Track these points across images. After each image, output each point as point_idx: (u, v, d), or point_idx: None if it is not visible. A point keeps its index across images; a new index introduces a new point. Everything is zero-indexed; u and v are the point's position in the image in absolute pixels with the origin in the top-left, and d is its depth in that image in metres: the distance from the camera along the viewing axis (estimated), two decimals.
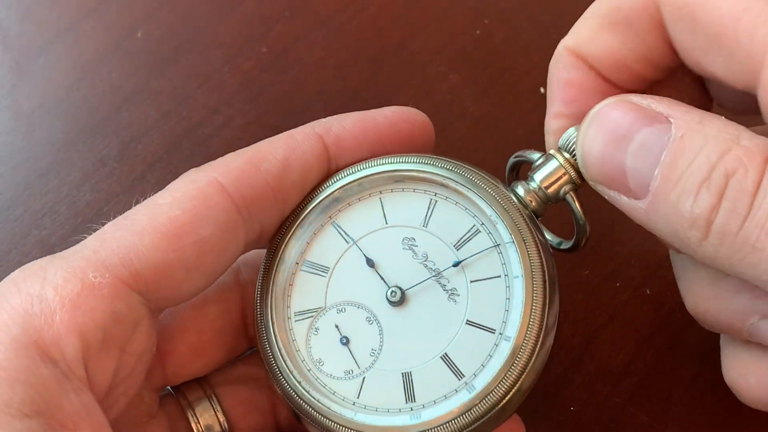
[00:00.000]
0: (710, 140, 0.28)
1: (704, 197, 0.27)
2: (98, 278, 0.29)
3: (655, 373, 0.38)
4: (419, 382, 0.32)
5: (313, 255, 0.34)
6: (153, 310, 0.31)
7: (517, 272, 0.32)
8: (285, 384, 0.32)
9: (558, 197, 0.33)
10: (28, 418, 0.26)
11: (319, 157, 0.34)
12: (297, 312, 0.33)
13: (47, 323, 0.28)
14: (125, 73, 0.47)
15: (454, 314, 0.32)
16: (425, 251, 0.33)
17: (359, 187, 0.34)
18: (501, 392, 0.30)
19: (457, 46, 0.47)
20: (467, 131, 0.45)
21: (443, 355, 0.32)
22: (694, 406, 0.38)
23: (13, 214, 0.43)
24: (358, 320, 0.33)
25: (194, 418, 0.34)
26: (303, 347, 0.33)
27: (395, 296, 0.33)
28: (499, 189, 0.33)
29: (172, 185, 0.32)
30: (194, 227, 0.30)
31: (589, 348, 0.39)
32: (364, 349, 0.32)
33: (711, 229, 0.27)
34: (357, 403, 0.32)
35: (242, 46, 0.48)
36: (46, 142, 0.45)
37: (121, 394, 0.30)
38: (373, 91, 0.46)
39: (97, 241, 0.30)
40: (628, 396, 0.38)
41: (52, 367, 0.27)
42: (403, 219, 0.34)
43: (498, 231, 0.32)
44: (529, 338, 0.31)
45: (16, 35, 0.48)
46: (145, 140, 0.45)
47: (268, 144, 0.33)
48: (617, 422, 0.38)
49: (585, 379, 0.39)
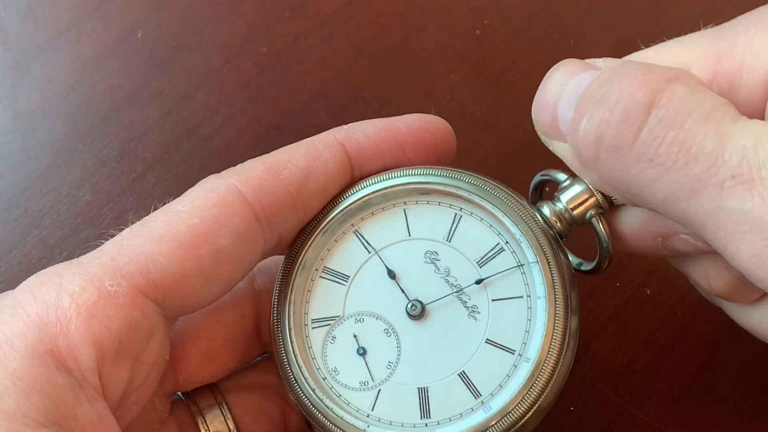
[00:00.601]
0: (623, 71, 0.28)
1: (595, 111, 0.28)
2: (115, 287, 0.28)
3: (655, 373, 0.38)
4: (435, 398, 0.31)
5: (333, 262, 0.34)
6: (168, 318, 0.31)
7: (540, 293, 0.31)
8: (299, 391, 0.32)
9: (584, 220, 0.33)
10: (44, 428, 0.26)
11: (341, 166, 0.33)
12: (314, 319, 0.33)
13: (63, 332, 0.27)
14: (125, 73, 0.47)
15: (474, 332, 0.32)
16: (448, 266, 0.33)
17: (384, 197, 0.33)
18: (518, 413, 0.30)
19: (457, 46, 0.47)
20: (467, 131, 0.45)
21: (461, 372, 0.32)
22: (694, 406, 0.38)
23: (13, 214, 0.43)
24: (376, 331, 0.33)
25: (204, 424, 0.34)
26: (319, 355, 0.33)
27: (415, 310, 0.32)
28: (525, 208, 0.32)
29: (191, 192, 0.31)
30: (213, 236, 0.30)
31: (589, 348, 0.39)
32: (381, 361, 0.32)
33: (602, 142, 0.28)
34: (371, 416, 0.32)
35: (242, 46, 0.48)
36: (46, 142, 0.45)
37: (133, 402, 0.30)
38: (373, 91, 0.46)
39: (115, 248, 0.30)
40: (628, 396, 0.38)
41: (67, 376, 0.27)
42: (426, 232, 0.33)
43: (522, 250, 0.32)
44: (549, 360, 0.30)
45: (16, 35, 0.48)
46: (145, 140, 0.45)
47: (289, 152, 0.33)
48: (617, 422, 0.38)
49: (585, 379, 0.39)
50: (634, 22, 0.47)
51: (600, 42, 0.47)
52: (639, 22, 0.48)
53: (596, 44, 0.47)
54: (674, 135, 0.26)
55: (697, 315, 0.40)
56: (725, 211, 0.26)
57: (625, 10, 0.48)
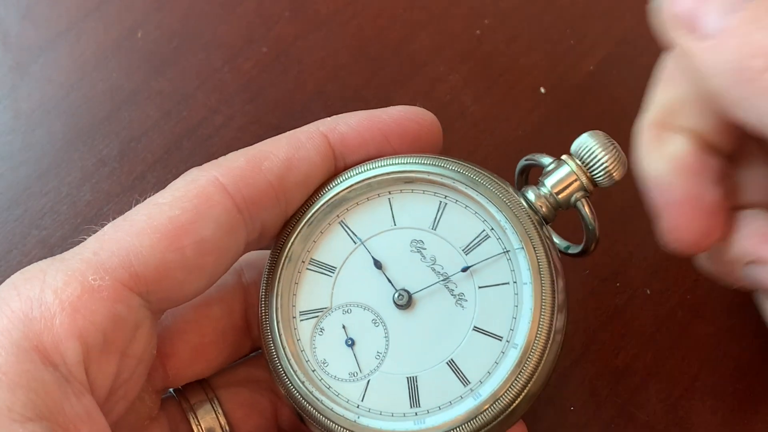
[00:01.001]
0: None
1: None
2: (98, 281, 0.29)
3: (655, 373, 0.38)
4: (424, 387, 0.31)
5: (319, 254, 0.34)
6: (154, 311, 0.31)
7: (527, 279, 0.31)
8: (289, 384, 0.32)
9: (569, 203, 0.33)
10: (31, 422, 0.26)
11: (324, 156, 0.33)
12: (302, 311, 0.33)
13: (47, 327, 0.27)
14: (125, 73, 0.47)
15: (462, 320, 0.32)
16: (434, 255, 0.33)
17: (368, 187, 0.34)
18: (507, 400, 0.30)
19: (457, 46, 0.47)
20: (467, 131, 0.45)
21: (449, 360, 0.32)
22: (694, 406, 0.38)
23: (13, 214, 0.43)
24: (364, 322, 0.33)
25: (195, 420, 0.34)
26: (308, 347, 0.33)
27: (402, 299, 0.32)
28: (510, 194, 0.32)
29: (172, 184, 0.32)
30: (194, 227, 0.30)
31: (589, 348, 0.39)
32: (369, 352, 0.32)
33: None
34: (361, 406, 0.32)
35: (242, 46, 0.48)
36: (46, 142, 0.45)
37: (121, 397, 0.30)
38: (373, 91, 0.46)
39: (97, 243, 0.30)
40: (628, 396, 0.38)
41: (53, 371, 0.27)
42: (411, 221, 0.33)
43: (508, 237, 0.32)
44: (537, 346, 0.30)
45: (16, 35, 0.48)
46: (145, 140, 0.45)
47: (270, 143, 0.33)
48: (617, 422, 0.38)
49: (585, 379, 0.39)
50: (634, 22, 0.47)
51: (600, 42, 0.47)
52: (639, 22, 0.48)
53: (596, 44, 0.47)
54: None
55: (697, 315, 0.40)
56: None
57: (625, 10, 0.48)
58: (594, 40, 0.47)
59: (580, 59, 0.46)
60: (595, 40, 0.47)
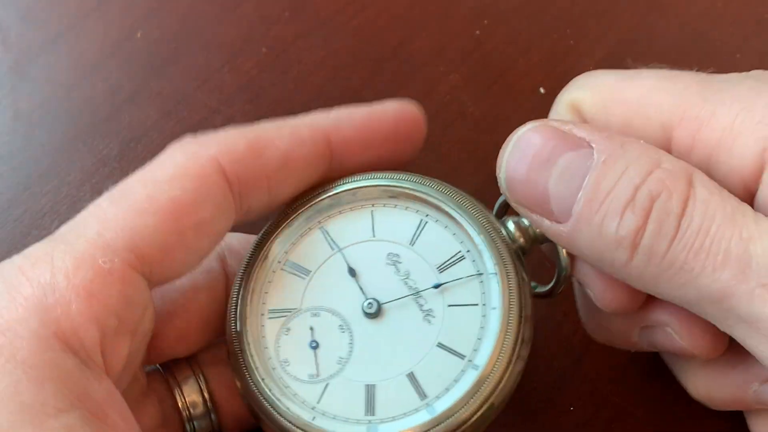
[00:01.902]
0: (632, 163, 0.28)
1: (629, 219, 0.28)
2: (108, 264, 0.29)
3: (655, 373, 0.38)
4: (382, 396, 0.32)
5: (296, 256, 0.34)
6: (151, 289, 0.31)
7: (496, 304, 0.32)
8: (248, 379, 0.32)
9: (546, 238, 0.33)
10: (65, 414, 0.26)
11: (321, 157, 0.34)
12: (271, 309, 0.33)
13: (64, 314, 0.27)
14: (125, 73, 0.47)
15: (427, 335, 0.32)
16: (408, 269, 0.33)
17: (353, 197, 0.34)
18: (461, 418, 0.30)
19: (457, 46, 0.47)
20: (467, 131, 0.45)
21: (409, 373, 0.32)
22: (694, 407, 0.38)
23: (13, 214, 0.43)
24: (330, 327, 0.33)
25: (181, 395, 0.34)
26: (272, 345, 0.33)
27: (371, 308, 0.33)
28: (490, 220, 0.33)
29: (170, 155, 0.32)
30: (195, 209, 0.31)
31: (589, 348, 0.39)
32: (332, 356, 0.32)
33: (637, 250, 0.28)
34: (317, 408, 0.32)
35: (242, 46, 0.48)
36: (46, 142, 0.45)
37: (125, 375, 0.31)
38: (373, 91, 0.46)
39: (99, 223, 0.30)
40: (628, 396, 0.38)
41: (73, 357, 0.27)
42: (391, 234, 0.34)
43: (483, 260, 0.32)
44: (496, 370, 0.31)
45: (16, 35, 0.48)
46: (145, 140, 0.45)
47: (274, 130, 0.33)
48: (617, 422, 0.38)
49: (585, 379, 0.39)
50: (634, 22, 0.47)
51: (600, 42, 0.47)
52: (639, 23, 0.48)
53: (596, 44, 0.47)
54: (701, 242, 0.27)
55: None
56: (757, 317, 0.27)
57: (625, 10, 0.48)
58: (594, 40, 0.47)
59: (580, 59, 0.46)
60: (595, 40, 0.47)
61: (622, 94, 0.32)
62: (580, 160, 0.29)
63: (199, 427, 0.34)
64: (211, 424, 0.34)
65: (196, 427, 0.34)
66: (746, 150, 0.29)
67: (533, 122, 0.30)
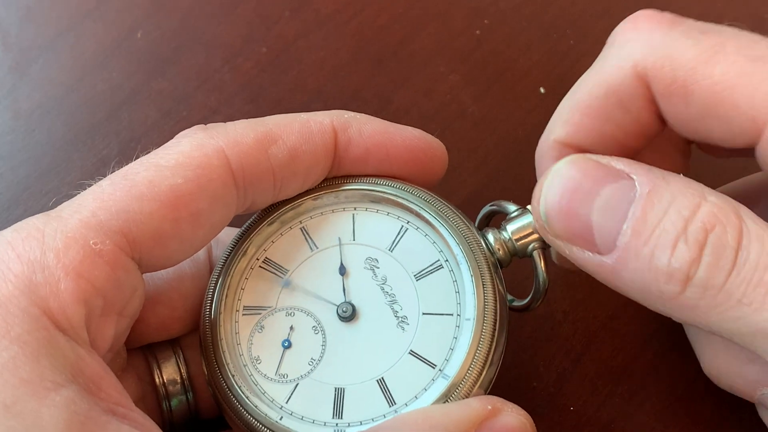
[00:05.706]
0: (678, 196, 0.28)
1: (682, 251, 0.27)
2: (99, 245, 0.29)
3: (655, 373, 0.38)
4: (350, 400, 0.32)
5: (275, 254, 0.34)
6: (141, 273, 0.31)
7: (470, 315, 0.32)
8: (218, 375, 0.32)
9: (525, 252, 0.33)
10: (63, 387, 0.26)
11: (327, 153, 0.33)
12: (246, 306, 0.33)
13: (53, 293, 0.28)
14: (125, 73, 0.47)
15: (400, 341, 0.32)
16: (385, 275, 0.33)
17: (335, 199, 0.34)
18: None
19: (457, 46, 0.47)
20: (467, 131, 0.45)
21: (380, 378, 0.32)
22: (694, 406, 0.38)
23: (13, 214, 0.43)
24: (304, 327, 0.33)
25: (158, 372, 0.34)
26: (244, 342, 0.33)
27: (346, 312, 0.33)
28: (471, 231, 0.33)
29: (178, 143, 0.31)
30: (193, 199, 0.30)
31: (589, 348, 0.39)
32: (303, 357, 0.32)
33: (691, 283, 0.27)
34: (284, 408, 0.32)
35: (242, 46, 0.48)
36: (46, 142, 0.45)
37: (111, 353, 0.31)
38: (373, 91, 0.46)
39: (95, 202, 0.30)
40: (628, 396, 0.38)
41: (63, 334, 0.27)
42: (371, 239, 0.34)
43: (461, 271, 0.32)
44: (466, 381, 0.31)
45: (16, 35, 0.48)
46: (145, 140, 0.45)
47: (283, 125, 0.33)
48: (617, 422, 0.38)
49: (585, 379, 0.39)
50: None
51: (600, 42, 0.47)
52: None
53: (596, 44, 0.47)
54: (760, 276, 0.27)
55: None
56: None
57: (625, 10, 0.48)
58: (594, 40, 0.47)
59: (580, 59, 0.46)
60: (595, 40, 0.47)
61: (705, 74, 0.29)
62: (623, 191, 0.28)
63: (175, 406, 0.34)
64: (188, 405, 0.34)
65: (172, 406, 0.34)
66: None
67: (571, 155, 0.30)
